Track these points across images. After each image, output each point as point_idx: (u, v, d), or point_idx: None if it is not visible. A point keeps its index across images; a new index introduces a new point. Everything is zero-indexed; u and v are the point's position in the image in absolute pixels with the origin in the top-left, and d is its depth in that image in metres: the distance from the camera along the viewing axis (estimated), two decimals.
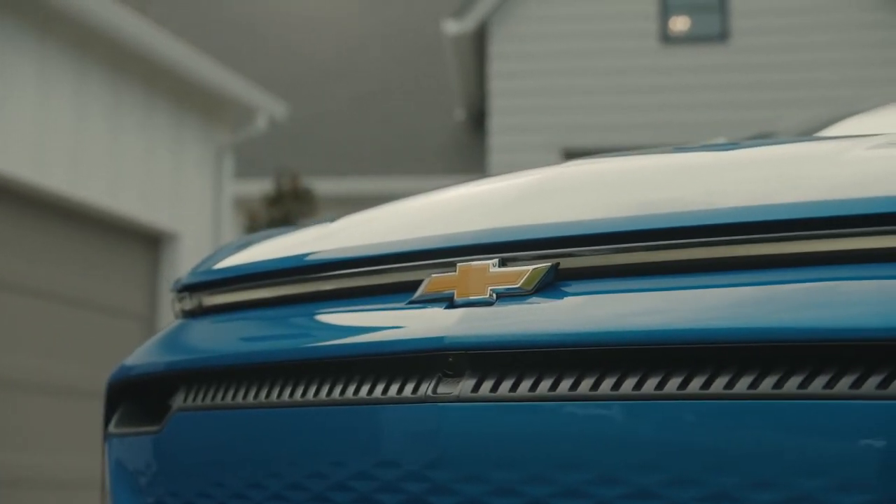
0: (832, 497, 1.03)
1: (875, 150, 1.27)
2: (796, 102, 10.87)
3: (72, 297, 7.77)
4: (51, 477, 7.36)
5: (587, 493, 1.15)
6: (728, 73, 11.03)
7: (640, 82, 11.07)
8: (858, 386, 1.05)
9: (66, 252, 7.74)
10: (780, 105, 10.87)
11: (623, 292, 1.22)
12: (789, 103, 10.88)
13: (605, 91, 11.10)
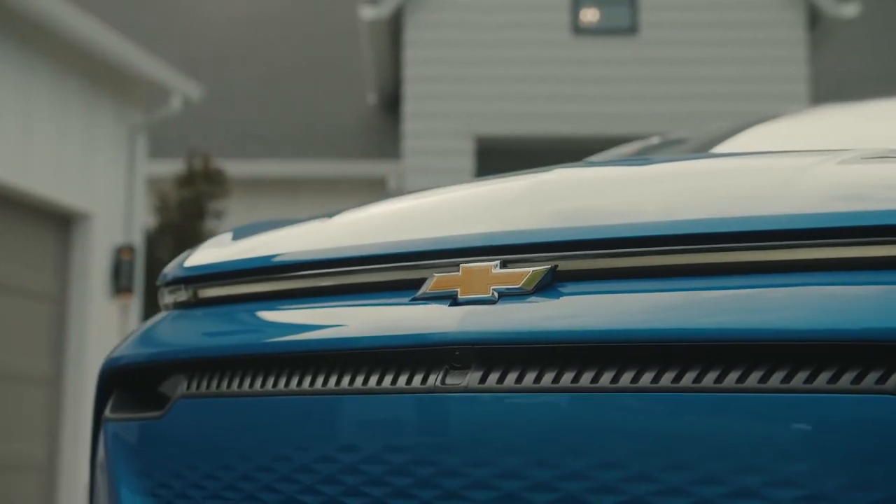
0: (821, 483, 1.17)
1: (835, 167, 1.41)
2: (703, 96, 11.18)
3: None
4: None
5: (588, 477, 1.27)
6: (637, 65, 11.29)
7: (553, 73, 11.27)
8: (811, 381, 1.19)
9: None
10: (688, 98, 11.16)
11: (615, 293, 1.34)
12: (696, 97, 11.18)
13: (518, 80, 11.27)
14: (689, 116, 11.13)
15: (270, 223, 1.88)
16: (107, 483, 1.71)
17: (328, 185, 12.01)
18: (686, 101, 11.19)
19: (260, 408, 1.51)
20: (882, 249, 1.22)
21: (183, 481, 1.59)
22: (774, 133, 2.99)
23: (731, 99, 11.20)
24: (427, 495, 1.36)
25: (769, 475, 1.20)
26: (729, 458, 1.21)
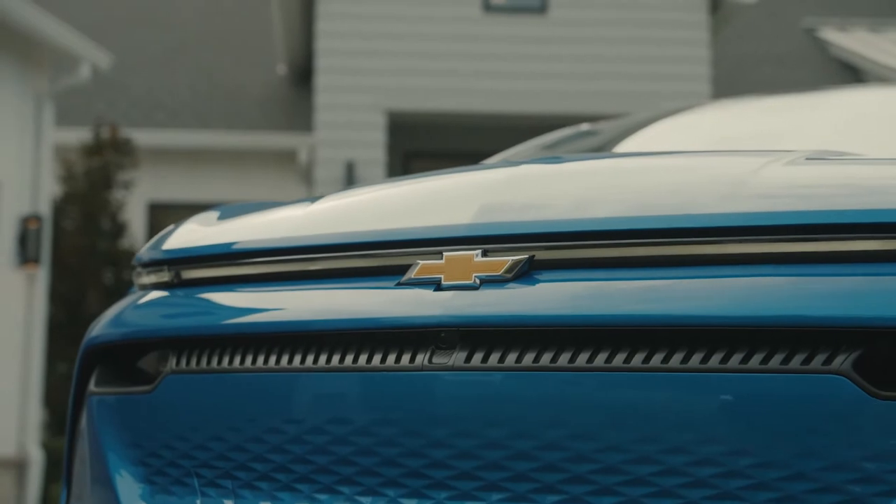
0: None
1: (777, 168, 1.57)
2: (609, 76, 11.41)
3: None
4: None
5: (565, 447, 1.41)
6: (546, 44, 11.47)
7: (464, 49, 11.39)
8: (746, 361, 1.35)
9: None
10: (595, 77, 11.38)
11: (587, 281, 1.48)
12: (603, 76, 11.41)
13: (429, 56, 11.36)
14: (597, 95, 11.37)
15: (253, 205, 1.98)
16: (93, 453, 1.80)
17: (238, 157, 11.97)
18: (593, 80, 11.42)
19: (251, 383, 1.62)
20: (834, 245, 1.38)
21: (172, 452, 1.69)
22: (680, 126, 3.18)
23: (636, 78, 11.46)
24: (415, 464, 1.48)
25: (728, 445, 1.35)
26: (693, 430, 1.36)
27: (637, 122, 3.30)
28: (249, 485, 1.61)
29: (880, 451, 1.30)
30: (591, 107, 11.35)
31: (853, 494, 1.30)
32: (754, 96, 3.45)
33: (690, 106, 3.43)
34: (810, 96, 3.39)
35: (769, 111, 3.14)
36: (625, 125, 3.28)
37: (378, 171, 11.23)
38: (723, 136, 2.95)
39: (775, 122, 2.97)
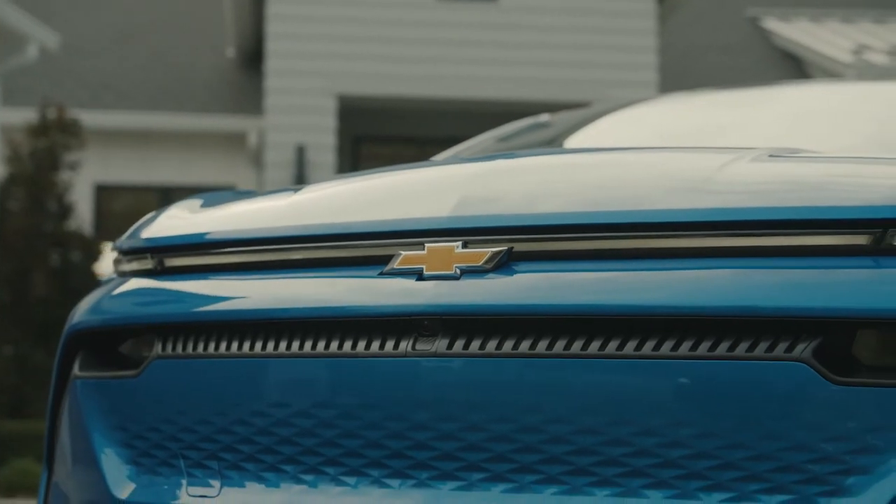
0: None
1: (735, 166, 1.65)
2: (559, 63, 11.52)
3: None
4: None
5: (543, 430, 1.49)
6: (498, 30, 11.54)
7: (416, 35, 11.43)
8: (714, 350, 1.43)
9: None
10: (545, 65, 11.48)
11: (564, 272, 1.56)
12: (553, 64, 11.51)
13: (380, 41, 11.39)
14: (546, 82, 11.47)
15: (235, 194, 2.03)
16: (79, 436, 1.84)
17: (187, 139, 11.92)
18: (543, 67, 11.52)
19: (238, 368, 1.68)
20: (796, 239, 1.47)
21: (158, 434, 1.75)
22: (631, 120, 3.29)
23: (586, 66, 11.58)
24: (398, 446, 1.55)
25: (697, 428, 1.43)
26: (664, 414, 1.44)
27: (589, 114, 3.41)
28: (236, 466, 1.67)
29: (838, 432, 1.39)
30: (540, 94, 11.46)
31: (813, 473, 1.39)
32: (703, 91, 3.57)
33: (641, 99, 3.54)
34: (759, 91, 3.51)
35: (717, 105, 3.25)
36: (578, 117, 3.39)
37: (329, 156, 11.26)
38: (672, 130, 3.06)
39: (724, 117, 3.08)
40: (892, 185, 1.52)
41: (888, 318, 1.41)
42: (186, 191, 12.09)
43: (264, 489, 1.64)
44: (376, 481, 1.57)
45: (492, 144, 3.18)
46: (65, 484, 1.90)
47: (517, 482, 1.50)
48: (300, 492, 1.61)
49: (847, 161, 1.72)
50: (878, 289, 1.43)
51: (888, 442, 1.38)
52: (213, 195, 2.08)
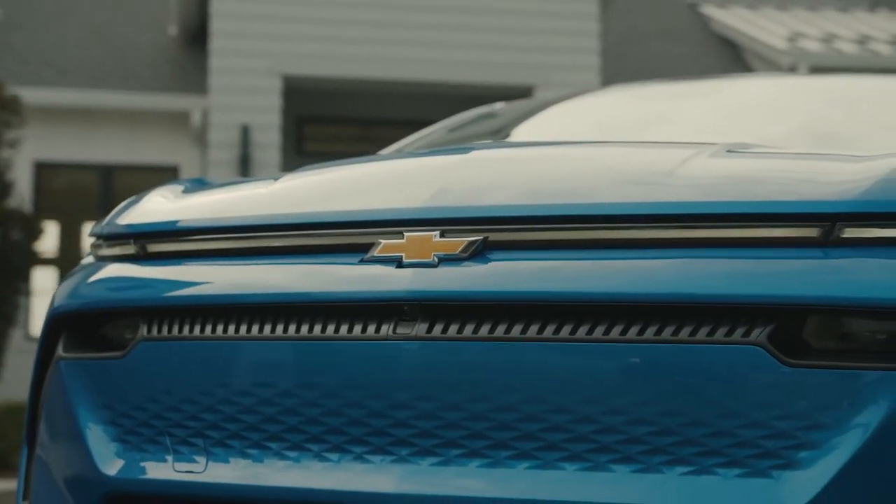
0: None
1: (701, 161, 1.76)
2: (502, 47, 11.61)
3: None
4: None
5: (516, 409, 1.59)
6: (440, 13, 11.59)
7: (359, 16, 11.45)
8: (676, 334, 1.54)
9: None
10: (488, 48, 11.57)
11: (535, 260, 1.65)
12: (497, 47, 11.60)
13: (325, 22, 11.39)
14: (488, 65, 11.56)
15: (216, 181, 2.10)
16: (65, 415, 1.91)
17: (129, 117, 11.84)
18: (485, 50, 11.61)
19: (224, 350, 1.76)
20: (752, 231, 1.58)
21: (144, 413, 1.82)
22: (574, 111, 3.43)
23: (528, 50, 11.68)
24: (379, 424, 1.64)
25: (661, 407, 1.54)
26: (630, 394, 1.55)
27: (536, 105, 3.54)
28: (221, 443, 1.75)
29: (790, 410, 1.51)
30: (483, 77, 11.56)
31: (767, 448, 1.51)
32: (645, 83, 3.72)
33: (585, 91, 3.69)
34: (701, 83, 3.66)
35: (659, 98, 3.39)
36: (525, 108, 3.52)
37: (274, 136, 11.26)
38: (615, 122, 3.19)
39: (666, 110, 3.22)
40: (840, 180, 1.64)
41: (835, 306, 1.53)
42: (129, 169, 12.03)
43: (249, 464, 1.72)
44: (358, 457, 1.66)
45: (443, 135, 3.30)
46: (49, 460, 1.96)
47: (492, 458, 1.60)
48: (284, 467, 1.70)
49: (798, 157, 1.84)
50: (827, 278, 1.54)
51: (835, 419, 1.50)
52: (194, 182, 2.15)
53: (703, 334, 1.55)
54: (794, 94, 3.30)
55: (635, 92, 3.53)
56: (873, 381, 1.50)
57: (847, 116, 3.03)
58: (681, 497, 1.52)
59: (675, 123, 3.08)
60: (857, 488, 1.48)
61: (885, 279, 1.53)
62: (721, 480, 1.52)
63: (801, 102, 3.17)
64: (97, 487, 1.83)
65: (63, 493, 1.91)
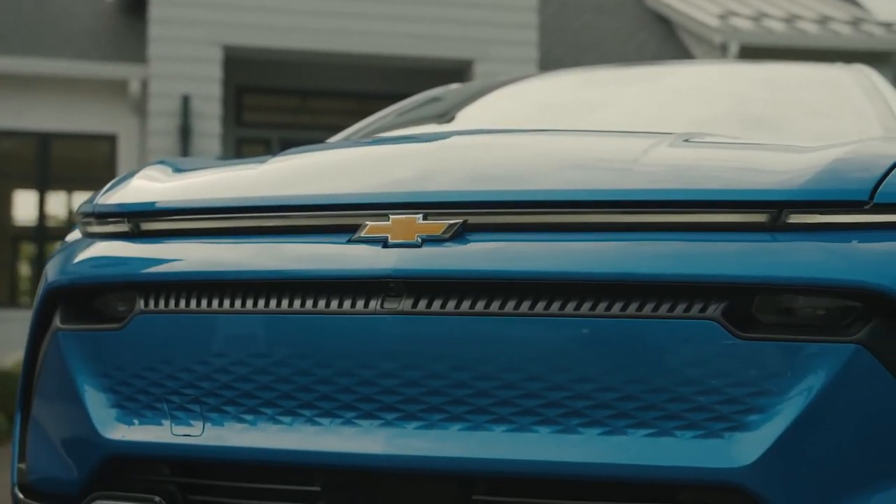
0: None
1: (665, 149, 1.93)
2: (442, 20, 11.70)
3: None
4: None
5: (494, 378, 1.74)
6: None
7: None
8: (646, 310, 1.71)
9: None
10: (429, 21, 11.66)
11: (511, 241, 1.81)
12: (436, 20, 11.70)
13: None
14: (428, 38, 11.66)
15: (203, 160, 2.21)
16: (63, 383, 2.02)
17: (66, 85, 11.75)
18: (424, 24, 11.70)
19: (219, 323, 1.89)
20: (708, 217, 1.75)
21: (142, 381, 1.95)
22: (514, 95, 3.62)
23: (466, 24, 11.80)
24: (368, 391, 1.79)
25: (625, 375, 1.71)
26: (598, 364, 1.71)
27: (477, 90, 3.72)
28: (217, 409, 1.88)
29: (740, 378, 1.68)
30: (422, 50, 11.66)
31: (719, 413, 1.68)
32: (580, 68, 3.91)
33: (524, 76, 3.89)
34: (638, 69, 3.86)
35: (594, 84, 3.59)
36: (468, 92, 3.70)
37: (215, 107, 11.26)
38: (552, 106, 3.38)
39: (603, 95, 3.41)
40: (786, 170, 1.82)
41: (781, 285, 1.71)
42: (66, 137, 11.95)
43: (245, 428, 1.86)
44: (348, 422, 1.80)
45: (394, 118, 3.48)
46: (47, 425, 2.07)
47: (472, 422, 1.75)
48: (278, 430, 1.84)
49: (749, 147, 2.02)
50: (774, 260, 1.72)
51: (780, 386, 1.68)
52: (183, 161, 2.26)
53: (664, 310, 1.71)
54: (728, 80, 3.50)
55: (572, 77, 3.72)
56: (814, 353, 1.68)
57: (775, 103, 3.23)
58: (643, 456, 1.69)
59: (612, 108, 3.26)
60: (798, 447, 1.66)
61: (824, 261, 1.71)
62: (679, 441, 1.69)
63: (734, 88, 3.37)
64: (97, 450, 1.95)
65: (62, 456, 2.02)
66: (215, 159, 2.28)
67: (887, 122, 2.94)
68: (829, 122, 3.07)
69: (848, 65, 3.60)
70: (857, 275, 1.69)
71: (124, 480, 1.96)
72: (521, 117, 3.29)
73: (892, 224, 1.76)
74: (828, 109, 3.17)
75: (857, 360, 1.66)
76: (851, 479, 1.67)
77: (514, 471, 1.73)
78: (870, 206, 1.76)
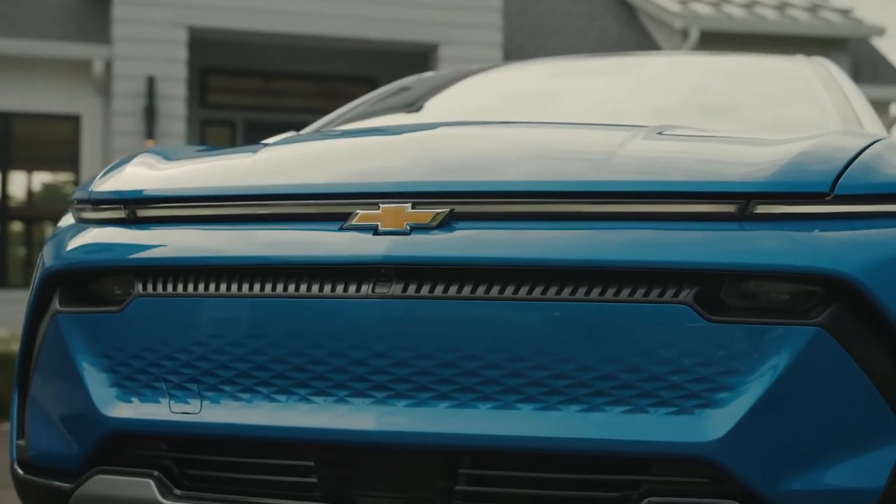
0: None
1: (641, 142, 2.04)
2: (405, 4, 11.76)
3: None
4: None
5: (480, 358, 1.85)
6: None
7: None
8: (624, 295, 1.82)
9: None
10: (392, 4, 11.71)
11: (495, 230, 1.91)
12: (398, 4, 11.75)
13: None
14: (392, 21, 11.72)
15: (196, 148, 2.30)
16: (62, 362, 2.10)
17: (28, 65, 11.70)
18: (391, 7, 11.76)
19: (216, 306, 1.97)
20: (681, 206, 1.86)
21: (141, 361, 2.03)
22: (478, 85, 3.74)
23: (431, 7, 11.86)
24: (360, 371, 1.89)
25: (603, 356, 1.82)
26: (578, 345, 1.82)
27: (445, 79, 3.84)
28: (214, 388, 1.98)
29: (710, 359, 1.80)
30: (385, 33, 11.72)
31: (691, 391, 1.80)
32: (547, 59, 4.04)
33: (487, 67, 4.00)
34: (600, 60, 3.99)
35: (556, 74, 3.71)
36: (435, 82, 3.82)
37: (180, 88, 11.26)
38: (515, 96, 3.51)
39: (566, 85, 3.54)
40: (754, 163, 1.93)
41: (748, 271, 1.82)
42: (28, 117, 11.91)
43: (241, 406, 1.95)
44: (340, 400, 1.90)
45: (368, 107, 3.59)
46: (47, 404, 2.16)
47: (458, 400, 1.86)
48: (273, 408, 1.93)
49: (719, 140, 2.14)
50: (742, 247, 1.84)
51: (747, 366, 1.79)
52: (173, 149, 2.35)
53: (640, 295, 1.82)
54: (694, 71, 3.64)
55: (539, 67, 3.85)
56: (778, 335, 1.79)
57: (738, 94, 3.37)
58: (619, 431, 1.80)
59: (580, 98, 3.39)
60: (763, 423, 1.78)
61: (788, 249, 1.83)
62: (653, 417, 1.80)
63: (700, 80, 3.50)
64: (98, 427, 2.03)
65: (62, 433, 2.11)
66: (204, 148, 2.36)
67: (845, 114, 3.08)
68: (790, 112, 3.20)
69: (808, 57, 3.74)
70: (819, 262, 1.81)
71: (123, 456, 2.05)
72: (493, 107, 3.40)
73: (851, 214, 1.88)
74: (789, 101, 3.31)
75: (818, 341, 1.78)
76: (811, 452, 1.79)
77: (497, 446, 1.84)
78: (830, 197, 1.88)
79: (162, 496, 1.98)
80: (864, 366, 1.79)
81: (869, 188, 1.91)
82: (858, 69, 14.27)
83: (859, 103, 3.22)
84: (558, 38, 13.70)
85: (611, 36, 14.17)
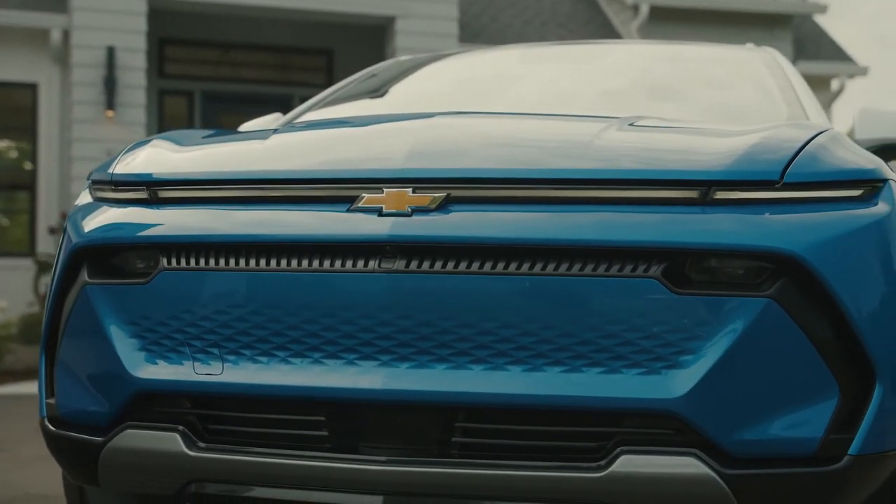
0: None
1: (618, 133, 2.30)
2: None
3: None
4: None
5: (474, 325, 2.10)
6: None
7: None
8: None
9: None
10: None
11: (488, 212, 2.15)
12: None
13: None
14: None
15: (212, 133, 2.52)
16: (93, 330, 2.32)
17: None
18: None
19: (235, 280, 2.21)
20: (651, 192, 2.12)
21: (166, 328, 2.26)
22: (442, 71, 4.00)
23: None
24: (367, 337, 2.13)
25: (582, 324, 2.07)
26: (560, 314, 2.08)
27: (408, 66, 4.10)
28: (235, 352, 2.21)
29: (676, 326, 2.06)
30: (344, 6, 11.87)
31: (658, 354, 2.06)
32: (501, 46, 4.29)
33: (448, 54, 4.27)
34: (556, 47, 4.25)
35: (515, 61, 3.97)
36: (399, 69, 4.08)
37: (139, 59, 11.34)
38: (472, 82, 3.77)
39: (523, 72, 3.81)
40: (714, 152, 2.20)
41: (709, 249, 2.09)
42: None
43: (259, 368, 2.19)
44: (350, 363, 2.14)
45: (344, 91, 3.84)
46: (77, 366, 2.37)
47: (454, 362, 2.11)
48: (288, 370, 2.17)
49: (684, 131, 2.40)
50: (703, 228, 2.10)
51: (708, 332, 2.06)
52: (185, 133, 2.58)
53: (615, 270, 2.08)
54: (650, 60, 3.92)
55: (487, 55, 4.12)
56: (734, 305, 2.06)
57: (691, 82, 3.65)
58: (596, 389, 2.06)
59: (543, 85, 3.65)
60: (721, 381, 2.05)
61: (743, 230, 2.09)
62: (625, 377, 2.06)
63: (655, 68, 3.78)
64: (128, 387, 2.26)
65: (93, 393, 2.33)
66: (211, 133, 2.60)
67: (790, 100, 3.37)
68: (740, 98, 3.48)
69: (757, 47, 4.03)
70: (769, 241, 2.08)
71: (150, 413, 2.28)
72: (441, 93, 3.68)
73: (799, 199, 2.15)
74: (740, 87, 3.59)
75: (768, 311, 2.05)
76: (761, 407, 2.06)
77: (489, 402, 2.09)
78: (780, 184, 2.15)
79: (187, 448, 2.22)
80: (808, 332, 2.06)
81: (814, 176, 2.18)
82: (802, 45, 14.66)
83: (802, 89, 3.51)
84: (511, 12, 13.92)
85: (563, 10, 14.41)
